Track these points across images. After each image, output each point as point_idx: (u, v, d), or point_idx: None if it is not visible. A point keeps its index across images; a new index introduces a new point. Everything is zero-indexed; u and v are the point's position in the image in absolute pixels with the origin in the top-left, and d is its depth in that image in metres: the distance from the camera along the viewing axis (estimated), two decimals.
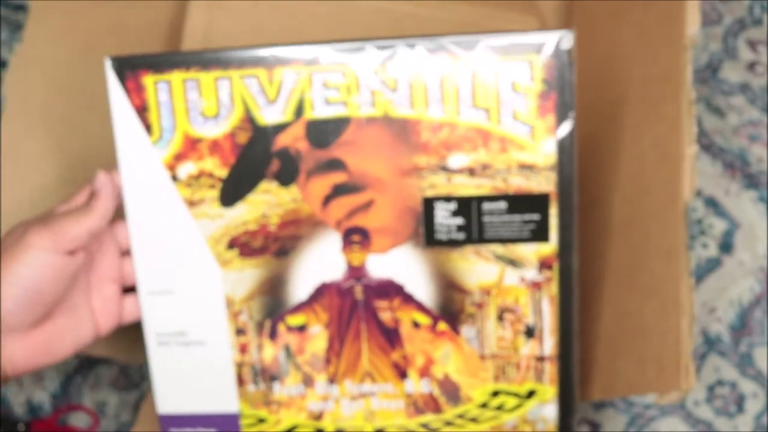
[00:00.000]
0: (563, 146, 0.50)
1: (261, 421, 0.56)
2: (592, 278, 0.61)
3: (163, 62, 0.50)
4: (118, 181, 0.52)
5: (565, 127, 0.50)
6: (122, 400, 0.73)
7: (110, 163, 0.52)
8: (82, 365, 0.74)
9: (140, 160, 0.52)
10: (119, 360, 0.73)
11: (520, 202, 0.51)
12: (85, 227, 0.49)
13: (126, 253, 0.55)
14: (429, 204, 0.52)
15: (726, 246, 0.78)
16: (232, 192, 0.52)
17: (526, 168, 0.51)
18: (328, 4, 0.56)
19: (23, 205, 0.64)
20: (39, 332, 0.50)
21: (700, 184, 0.78)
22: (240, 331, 0.55)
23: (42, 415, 0.73)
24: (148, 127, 0.51)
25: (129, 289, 0.55)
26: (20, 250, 0.48)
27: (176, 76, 0.50)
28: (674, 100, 0.53)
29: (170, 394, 0.56)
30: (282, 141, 0.51)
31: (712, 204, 0.79)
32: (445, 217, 0.52)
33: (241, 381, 0.56)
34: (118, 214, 0.52)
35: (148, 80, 0.51)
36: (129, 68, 0.51)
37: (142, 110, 0.51)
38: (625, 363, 0.57)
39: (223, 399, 0.56)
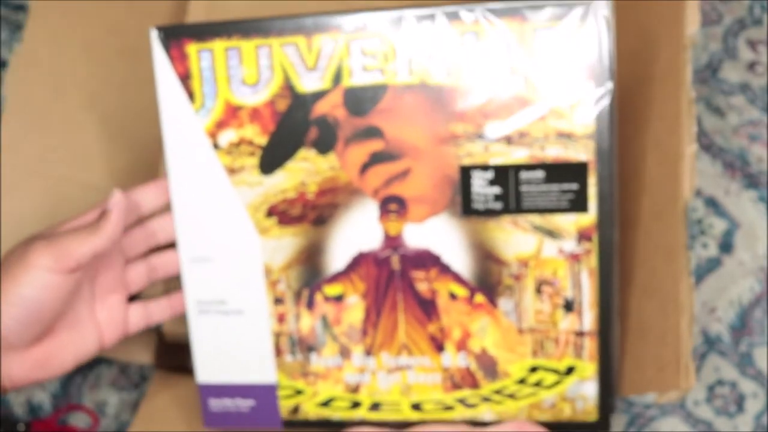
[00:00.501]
0: (602, 114, 0.50)
1: (298, 392, 0.57)
2: None
3: (206, 31, 0.52)
4: (132, 202, 0.52)
5: (604, 95, 0.49)
6: (122, 400, 0.74)
7: (110, 163, 0.52)
8: (82, 365, 0.74)
9: (183, 128, 0.53)
10: (119, 360, 0.73)
11: (559, 171, 0.51)
12: (90, 248, 0.49)
13: (131, 260, 0.55)
14: (466, 173, 0.51)
15: (726, 246, 0.77)
16: (272, 160, 0.53)
17: (564, 136, 0.50)
18: (328, 4, 0.57)
19: (23, 205, 0.64)
20: (39, 348, 0.50)
21: (700, 183, 0.78)
22: (278, 300, 0.55)
23: (42, 415, 0.74)
24: (190, 95, 0.52)
25: (133, 298, 0.56)
26: (22, 270, 0.47)
27: (218, 45, 0.52)
28: (674, 99, 0.53)
29: (210, 364, 0.57)
30: (320, 109, 0.52)
31: (712, 204, 0.78)
32: (482, 185, 0.52)
33: (278, 351, 0.56)
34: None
35: (192, 49, 0.52)
36: (173, 37, 0.52)
37: (185, 78, 0.52)
38: (625, 363, 0.57)
39: (261, 369, 0.56)
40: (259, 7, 0.51)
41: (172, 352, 0.68)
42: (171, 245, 0.56)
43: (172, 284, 0.58)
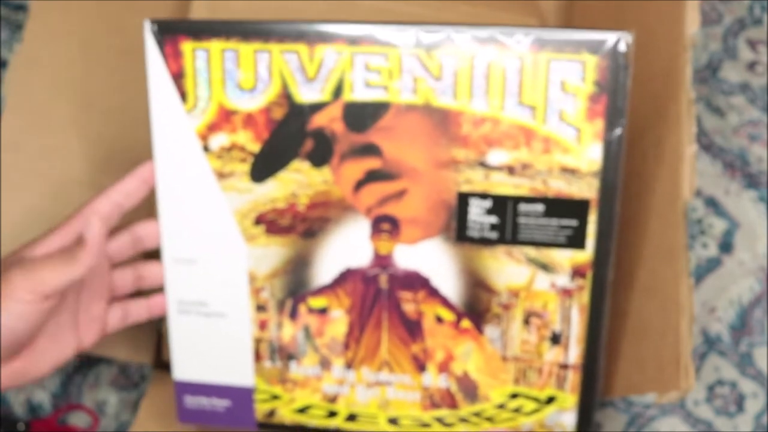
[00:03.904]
0: (609, 153, 0.48)
1: (275, 397, 0.56)
2: None
3: (203, 29, 0.49)
4: (114, 204, 0.50)
5: (614, 134, 0.47)
6: (122, 399, 0.73)
7: (109, 164, 0.50)
8: (82, 365, 0.74)
9: (173, 128, 0.51)
10: (119, 360, 0.72)
11: (559, 206, 0.49)
12: (67, 278, 0.47)
13: (117, 266, 0.53)
14: (464, 199, 0.50)
15: (726, 246, 0.76)
16: (263, 168, 0.51)
17: (569, 172, 0.48)
18: (329, 4, 0.55)
19: (23, 205, 0.63)
20: (17, 361, 0.49)
21: (700, 183, 0.77)
22: (261, 308, 0.54)
23: (42, 415, 0.73)
24: (183, 95, 0.50)
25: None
26: None
27: (215, 45, 0.49)
28: (674, 99, 0.52)
29: (187, 362, 0.56)
30: (318, 121, 0.49)
31: (712, 204, 0.77)
32: (479, 214, 0.50)
33: (258, 356, 0.55)
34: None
35: (187, 47, 0.49)
36: (168, 33, 0.49)
37: (178, 76, 0.50)
38: (624, 363, 0.56)
39: (239, 372, 0.56)
40: (264, 9, 0.48)
41: None
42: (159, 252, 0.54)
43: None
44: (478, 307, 0.52)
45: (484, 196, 0.49)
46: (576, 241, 0.50)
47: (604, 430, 0.72)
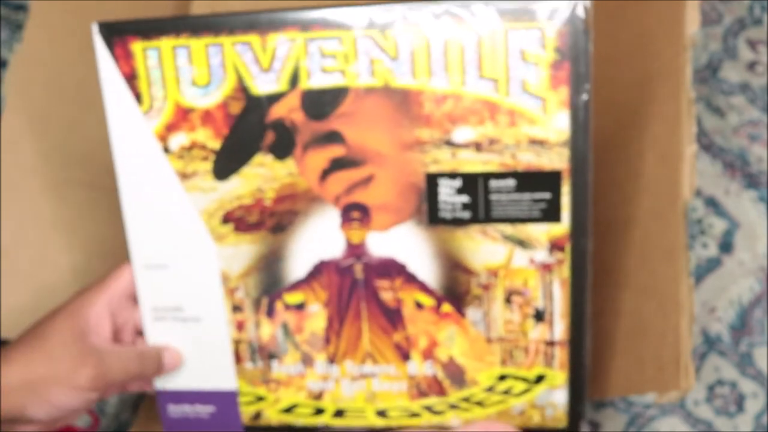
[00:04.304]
0: (577, 120, 0.47)
1: (260, 399, 0.55)
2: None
3: (151, 28, 0.48)
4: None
5: (581, 100, 0.46)
6: (122, 399, 0.72)
7: (109, 164, 0.50)
8: None
9: (131, 131, 0.49)
10: None
11: (530, 180, 0.48)
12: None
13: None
14: (432, 180, 0.48)
15: (726, 246, 0.76)
16: (226, 165, 0.49)
17: (537, 143, 0.47)
18: (329, 4, 0.54)
19: (23, 206, 0.63)
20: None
21: (700, 183, 0.77)
22: (236, 308, 0.53)
23: None
24: (137, 96, 0.49)
25: None
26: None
27: (165, 43, 0.48)
28: (674, 99, 0.52)
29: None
30: (277, 112, 0.48)
31: (712, 204, 0.77)
32: (449, 194, 0.49)
33: (239, 358, 0.54)
34: None
35: (137, 47, 0.48)
36: (117, 34, 0.48)
37: (131, 78, 0.49)
38: (624, 362, 0.56)
39: (221, 376, 0.54)
40: (260, 7, 0.47)
41: None
42: None
43: None
44: (457, 289, 0.51)
45: (453, 175, 0.48)
46: (551, 214, 0.48)
47: (604, 430, 0.71)
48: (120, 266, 0.53)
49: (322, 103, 0.48)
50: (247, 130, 0.49)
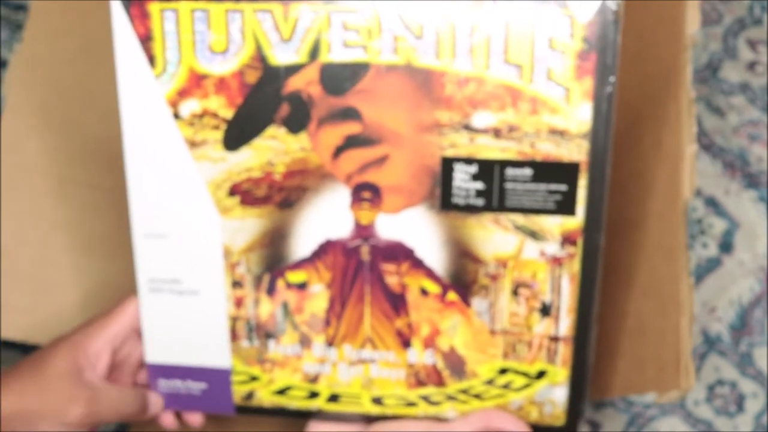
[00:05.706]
0: (600, 113, 0.46)
1: (253, 378, 0.53)
2: None
3: None
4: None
5: (605, 92, 0.45)
6: None
7: (110, 164, 0.49)
8: None
9: (141, 94, 0.48)
10: None
11: (547, 170, 0.47)
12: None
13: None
14: (448, 164, 0.47)
15: (726, 246, 0.77)
16: (237, 135, 0.48)
17: (557, 133, 0.46)
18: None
19: (23, 205, 0.62)
20: None
21: (700, 183, 0.78)
22: (236, 284, 0.51)
23: None
24: (151, 59, 0.47)
25: None
26: None
27: (184, 5, 0.46)
28: (674, 99, 0.51)
29: (160, 344, 0.53)
30: (294, 84, 0.47)
31: (712, 204, 0.78)
32: (464, 180, 0.48)
33: (234, 336, 0.52)
34: None
35: (154, 7, 0.47)
36: None
37: (146, 39, 0.47)
38: (624, 362, 0.55)
39: (215, 353, 0.53)
40: None
41: None
42: None
43: None
44: (464, 278, 0.50)
45: (469, 160, 0.47)
46: (566, 206, 0.48)
47: (604, 430, 0.71)
48: (125, 299, 0.53)
49: (341, 77, 0.46)
50: (261, 101, 0.47)
